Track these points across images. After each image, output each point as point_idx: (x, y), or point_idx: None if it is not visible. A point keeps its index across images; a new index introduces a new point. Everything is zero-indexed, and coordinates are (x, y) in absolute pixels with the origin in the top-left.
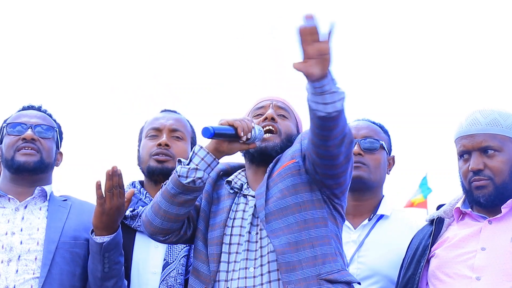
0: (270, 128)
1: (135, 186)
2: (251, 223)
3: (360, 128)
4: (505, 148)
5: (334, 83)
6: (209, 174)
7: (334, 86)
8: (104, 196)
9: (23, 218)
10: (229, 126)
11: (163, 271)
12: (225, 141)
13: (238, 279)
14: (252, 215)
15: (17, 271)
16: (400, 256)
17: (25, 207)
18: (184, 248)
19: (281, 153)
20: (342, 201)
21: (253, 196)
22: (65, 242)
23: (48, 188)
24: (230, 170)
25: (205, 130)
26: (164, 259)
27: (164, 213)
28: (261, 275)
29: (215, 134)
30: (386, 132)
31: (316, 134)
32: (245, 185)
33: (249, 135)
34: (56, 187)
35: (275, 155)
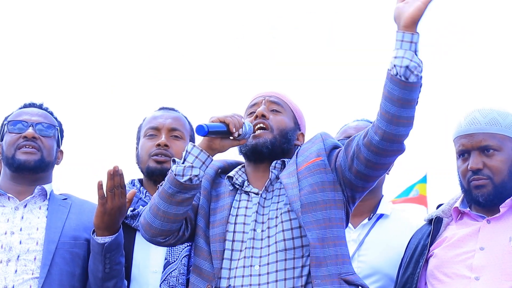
0: (261, 125)
1: (134, 185)
2: (255, 221)
3: (360, 128)
4: (504, 147)
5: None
6: (204, 171)
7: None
8: (106, 196)
9: (22, 218)
10: (220, 123)
11: (164, 270)
12: (218, 138)
13: (243, 276)
14: (256, 212)
15: (16, 271)
16: (400, 255)
17: (25, 206)
18: (186, 248)
19: (272, 149)
20: (352, 208)
21: (256, 193)
22: (65, 242)
23: (48, 187)
24: (228, 167)
25: (200, 128)
26: (165, 258)
27: (163, 214)
28: (267, 273)
29: (209, 132)
30: None
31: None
32: (245, 182)
33: (240, 131)
34: (56, 185)
35: (266, 151)
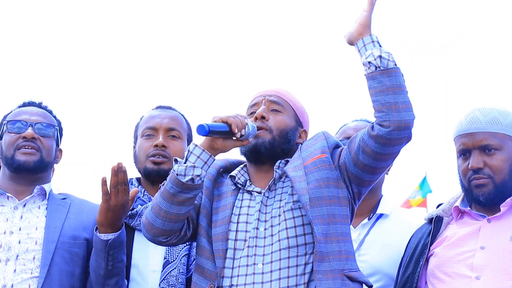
0: (260, 126)
1: (132, 184)
2: (258, 219)
3: (359, 129)
4: (505, 146)
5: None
6: (206, 171)
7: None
8: (110, 193)
9: (21, 217)
10: (223, 123)
11: (163, 269)
12: (220, 138)
13: (246, 275)
14: (259, 211)
15: (15, 271)
16: (400, 254)
17: (24, 205)
18: (185, 247)
19: (271, 150)
20: (357, 204)
21: (259, 192)
22: (64, 242)
23: (47, 187)
24: (230, 167)
25: (200, 127)
26: (165, 258)
27: (165, 214)
28: (271, 271)
29: (210, 132)
30: None
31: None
32: (248, 181)
33: (243, 132)
34: (56, 185)
35: (264, 151)
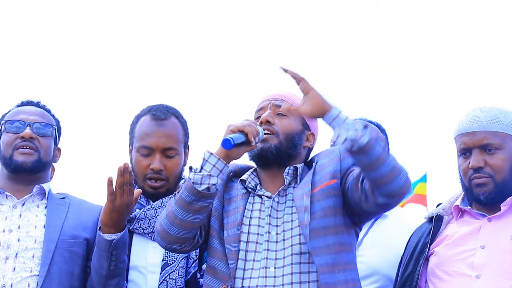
0: (266, 131)
1: None
2: (269, 223)
3: None
4: (505, 145)
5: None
6: (221, 179)
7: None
8: (115, 193)
9: (20, 216)
10: (239, 133)
11: (162, 271)
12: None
13: (258, 277)
14: (269, 215)
15: (14, 269)
16: (399, 255)
17: (23, 204)
18: None
19: (277, 154)
20: (361, 228)
21: (268, 196)
22: (64, 241)
23: (46, 186)
24: (239, 171)
25: (226, 142)
26: (163, 260)
27: (180, 222)
28: (283, 275)
29: (234, 145)
30: (383, 132)
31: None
32: (258, 185)
33: (257, 139)
34: (56, 185)
35: (271, 157)
